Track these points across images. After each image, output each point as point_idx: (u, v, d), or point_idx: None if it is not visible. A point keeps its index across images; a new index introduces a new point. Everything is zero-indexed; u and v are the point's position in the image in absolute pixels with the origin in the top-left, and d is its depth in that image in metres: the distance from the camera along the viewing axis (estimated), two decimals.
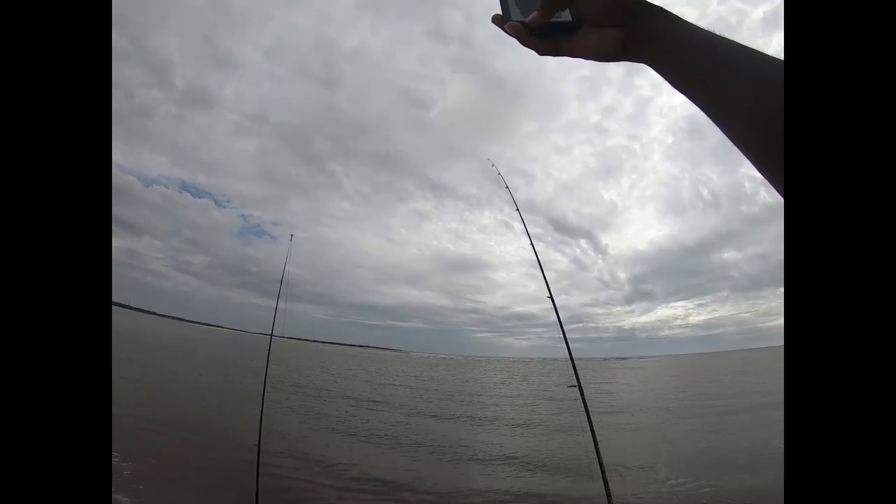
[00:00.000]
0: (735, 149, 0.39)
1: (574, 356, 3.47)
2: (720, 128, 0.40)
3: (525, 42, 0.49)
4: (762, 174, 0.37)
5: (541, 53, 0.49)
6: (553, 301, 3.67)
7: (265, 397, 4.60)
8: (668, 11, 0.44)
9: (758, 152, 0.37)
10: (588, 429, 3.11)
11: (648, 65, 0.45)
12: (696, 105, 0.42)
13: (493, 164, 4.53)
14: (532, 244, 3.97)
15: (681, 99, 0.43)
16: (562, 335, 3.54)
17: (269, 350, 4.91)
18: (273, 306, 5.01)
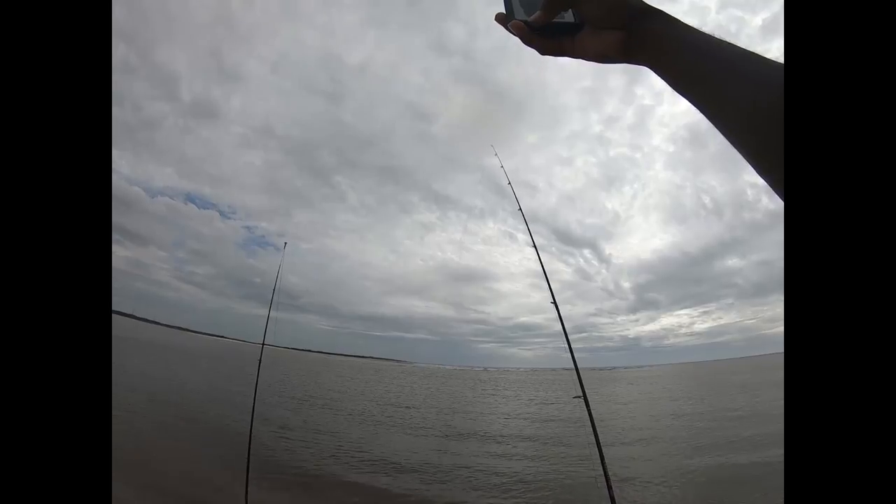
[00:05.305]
0: (736, 156, 0.39)
1: (577, 366, 3.41)
2: (720, 130, 0.40)
3: (527, 41, 0.49)
4: (762, 177, 0.37)
5: (542, 53, 0.50)
6: (557, 307, 3.62)
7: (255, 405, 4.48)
8: (668, 15, 0.45)
9: (757, 155, 0.37)
10: (594, 442, 3.05)
11: (649, 67, 0.45)
12: (696, 108, 0.42)
13: (496, 154, 4.64)
14: (534, 245, 3.94)
15: (682, 108, 0.44)
16: (567, 345, 3.49)
17: (259, 360, 4.76)
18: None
